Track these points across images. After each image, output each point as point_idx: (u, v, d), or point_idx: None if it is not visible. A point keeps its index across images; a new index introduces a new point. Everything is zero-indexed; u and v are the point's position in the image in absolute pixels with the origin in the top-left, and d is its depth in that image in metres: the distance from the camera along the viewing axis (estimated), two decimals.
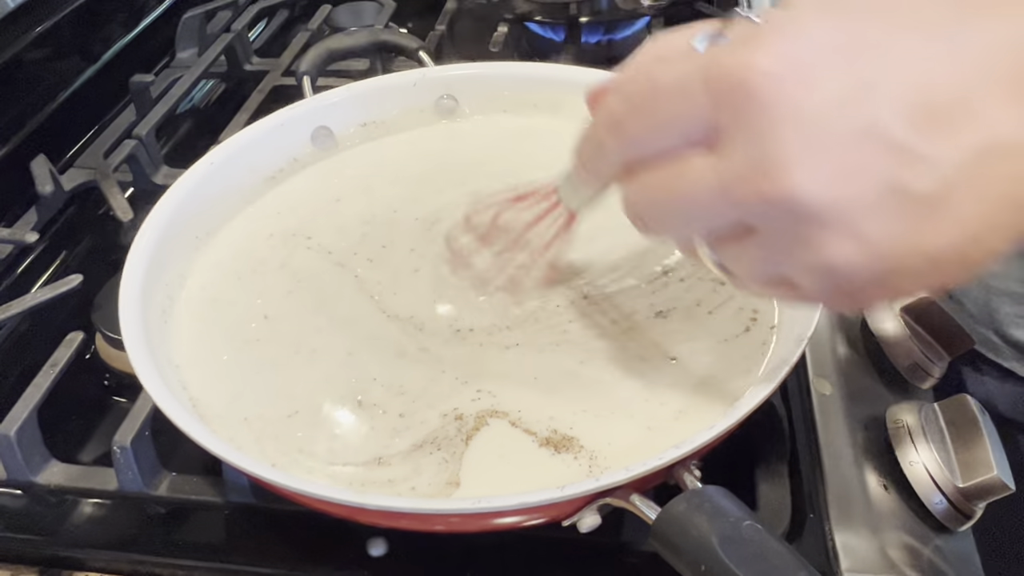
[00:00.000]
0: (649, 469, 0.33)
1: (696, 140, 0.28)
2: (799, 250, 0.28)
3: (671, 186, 0.29)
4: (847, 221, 0.27)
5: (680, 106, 0.28)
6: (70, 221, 0.66)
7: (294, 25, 0.93)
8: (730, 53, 0.27)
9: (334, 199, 0.53)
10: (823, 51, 0.26)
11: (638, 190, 0.31)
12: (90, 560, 0.42)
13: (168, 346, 0.44)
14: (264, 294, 0.47)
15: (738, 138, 0.27)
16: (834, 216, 0.26)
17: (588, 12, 0.81)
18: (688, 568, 0.32)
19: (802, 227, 0.27)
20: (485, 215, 0.44)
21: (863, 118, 0.26)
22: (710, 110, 0.28)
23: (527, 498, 0.33)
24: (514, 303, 0.45)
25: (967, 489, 0.39)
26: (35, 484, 0.45)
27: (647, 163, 0.30)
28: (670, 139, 0.29)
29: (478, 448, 0.39)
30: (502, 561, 0.41)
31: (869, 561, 0.38)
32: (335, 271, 0.48)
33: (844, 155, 0.26)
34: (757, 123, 0.26)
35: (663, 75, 0.29)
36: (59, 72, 0.73)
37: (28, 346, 0.55)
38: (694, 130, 0.28)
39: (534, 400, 0.41)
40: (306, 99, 0.57)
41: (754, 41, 0.27)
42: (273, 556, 0.42)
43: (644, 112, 0.30)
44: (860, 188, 0.26)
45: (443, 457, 0.38)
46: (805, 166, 0.26)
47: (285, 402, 0.41)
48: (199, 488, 0.44)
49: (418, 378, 0.42)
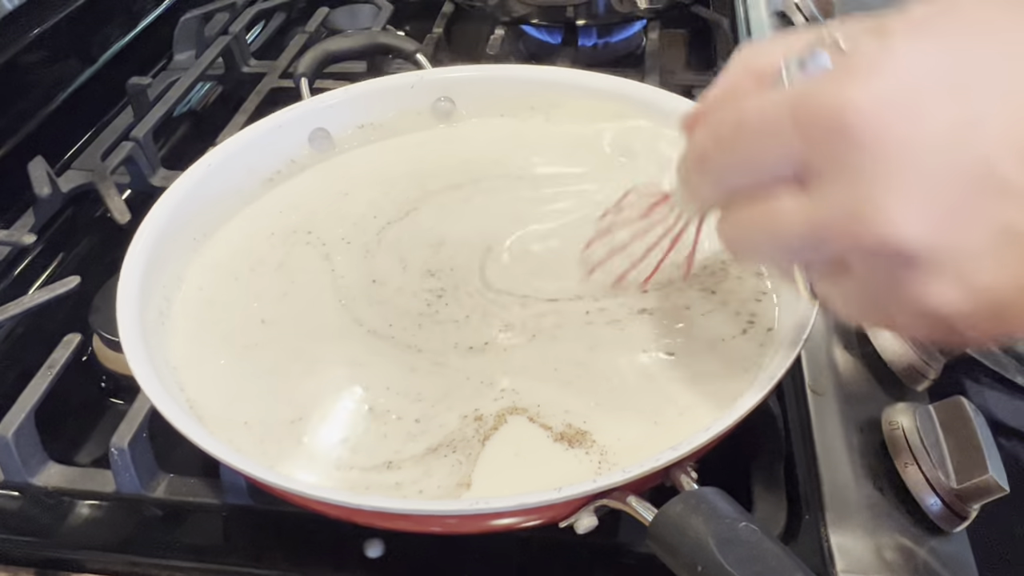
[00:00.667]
0: (646, 471, 0.33)
1: (787, 177, 0.27)
2: (898, 292, 0.26)
3: (761, 224, 0.29)
4: (950, 265, 0.25)
5: (769, 145, 0.27)
6: (68, 223, 0.66)
7: (291, 27, 0.93)
8: (822, 89, 0.26)
9: (332, 200, 0.53)
10: (922, 83, 0.25)
11: (731, 223, 0.31)
12: (87, 562, 0.42)
13: (165, 348, 0.44)
14: (262, 296, 0.47)
15: (832, 179, 0.26)
16: (936, 261, 0.25)
17: (585, 15, 0.82)
18: (685, 569, 0.32)
19: (900, 271, 0.26)
20: (622, 214, 0.43)
21: (970, 157, 0.24)
22: (801, 149, 0.26)
23: (524, 499, 0.33)
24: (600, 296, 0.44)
25: (962, 490, 0.39)
26: (32, 486, 0.45)
27: (738, 196, 0.30)
28: (758, 176, 0.28)
29: (494, 447, 0.39)
30: (499, 562, 0.41)
31: (864, 562, 0.38)
32: (334, 274, 0.48)
33: (949, 197, 0.25)
34: (852, 165, 0.25)
35: (751, 111, 0.28)
36: (56, 74, 0.73)
37: (25, 348, 0.55)
38: (784, 168, 0.27)
39: (552, 394, 0.41)
40: (303, 101, 0.57)
41: (847, 75, 0.25)
42: (270, 558, 0.42)
43: (731, 150, 0.29)
44: (965, 232, 0.25)
45: (457, 459, 0.38)
46: (905, 210, 0.25)
47: (287, 408, 0.41)
48: (196, 490, 0.44)
49: (438, 385, 0.42)
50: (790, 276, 0.32)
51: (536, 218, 0.51)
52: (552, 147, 0.55)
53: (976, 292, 0.25)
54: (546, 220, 0.51)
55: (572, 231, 0.48)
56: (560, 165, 0.55)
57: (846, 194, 0.26)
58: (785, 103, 0.27)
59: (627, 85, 0.55)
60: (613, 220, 0.43)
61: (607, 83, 0.56)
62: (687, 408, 0.40)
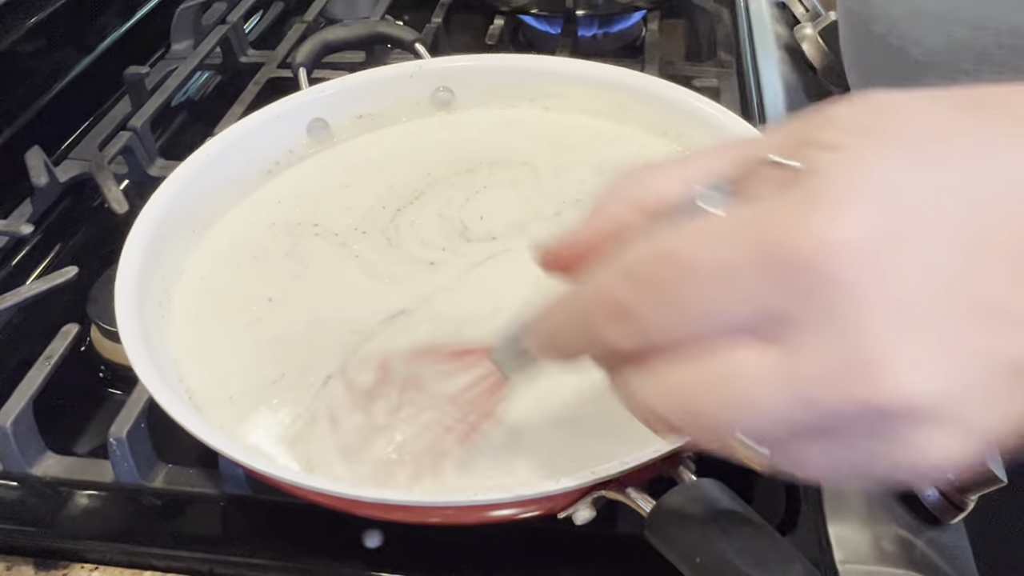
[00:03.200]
0: (644, 462, 0.33)
1: (741, 328, 0.22)
2: (890, 449, 0.22)
3: (715, 388, 0.23)
4: (955, 412, 0.21)
5: (726, 291, 0.22)
6: (65, 213, 0.66)
7: (290, 17, 0.92)
8: (786, 220, 0.21)
9: (334, 191, 0.53)
10: (906, 202, 0.21)
11: (659, 388, 0.24)
12: (86, 552, 0.42)
13: (164, 338, 0.44)
14: (269, 280, 0.47)
15: (815, 329, 0.21)
16: (941, 410, 0.21)
17: (585, 5, 0.81)
18: (683, 561, 0.32)
19: (898, 426, 0.22)
20: (400, 367, 0.36)
21: (971, 286, 0.21)
22: (769, 295, 0.21)
23: (522, 491, 0.33)
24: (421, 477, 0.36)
25: (959, 481, 0.39)
26: (31, 476, 0.45)
27: (666, 353, 0.24)
28: (704, 329, 0.23)
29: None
30: (497, 553, 0.41)
31: (862, 553, 0.38)
32: (360, 259, 0.48)
33: (951, 337, 0.21)
34: (840, 311, 0.21)
35: (696, 250, 0.22)
36: (54, 63, 0.73)
37: (23, 338, 0.55)
38: (741, 320, 0.22)
39: None
40: (302, 91, 0.57)
41: (815, 203, 0.21)
42: (269, 548, 0.42)
43: (669, 302, 0.23)
44: (971, 373, 0.21)
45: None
46: (908, 359, 0.21)
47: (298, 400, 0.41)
48: (195, 480, 0.44)
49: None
50: (728, 448, 0.24)
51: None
52: (551, 137, 0.55)
53: (978, 434, 0.22)
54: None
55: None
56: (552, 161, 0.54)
57: (834, 347, 0.21)
58: (740, 240, 0.22)
59: (627, 75, 0.55)
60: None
61: (607, 73, 0.55)
62: None
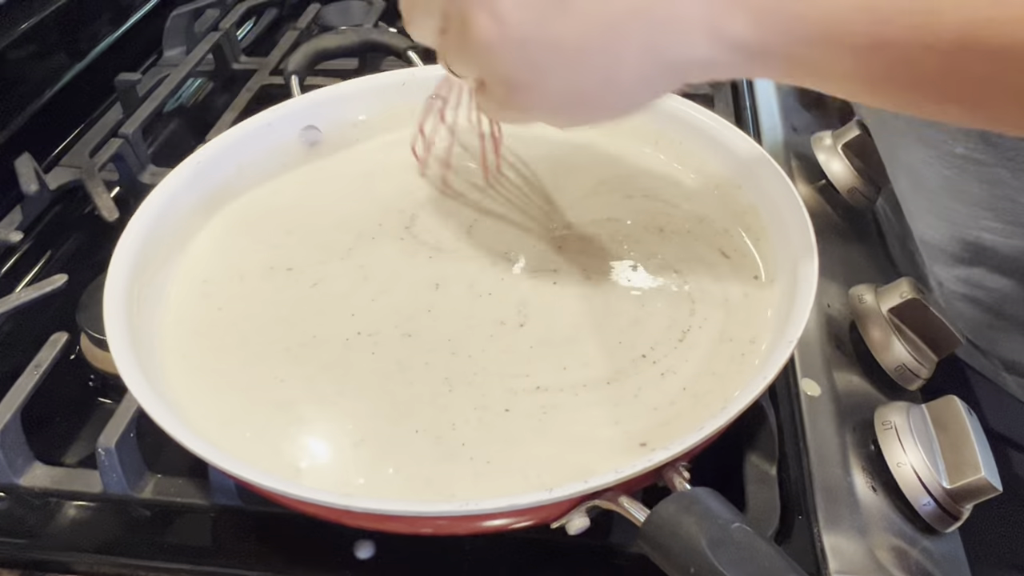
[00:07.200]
0: (638, 471, 0.33)
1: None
2: (464, 32, 0.35)
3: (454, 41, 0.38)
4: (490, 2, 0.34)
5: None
6: (55, 220, 0.65)
7: (283, 24, 0.92)
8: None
9: (323, 198, 0.53)
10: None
11: (447, 46, 0.39)
12: (74, 563, 0.42)
13: (154, 346, 0.43)
14: (253, 295, 0.47)
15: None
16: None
17: None
18: (677, 570, 0.31)
19: (464, 9, 0.35)
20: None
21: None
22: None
23: (515, 500, 0.33)
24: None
25: (954, 490, 0.39)
26: (18, 486, 0.44)
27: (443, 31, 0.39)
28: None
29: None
30: (490, 563, 0.40)
31: (857, 562, 0.38)
32: (325, 274, 0.48)
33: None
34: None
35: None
36: (44, 70, 0.73)
37: (12, 347, 0.54)
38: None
39: None
40: (294, 98, 0.57)
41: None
42: (259, 559, 0.41)
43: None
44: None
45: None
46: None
47: (283, 413, 0.41)
48: (185, 490, 0.44)
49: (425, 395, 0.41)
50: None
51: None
52: (541, 143, 0.55)
53: (506, 27, 0.34)
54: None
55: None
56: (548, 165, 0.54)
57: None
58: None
59: None
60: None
61: None
62: (680, 408, 0.39)
